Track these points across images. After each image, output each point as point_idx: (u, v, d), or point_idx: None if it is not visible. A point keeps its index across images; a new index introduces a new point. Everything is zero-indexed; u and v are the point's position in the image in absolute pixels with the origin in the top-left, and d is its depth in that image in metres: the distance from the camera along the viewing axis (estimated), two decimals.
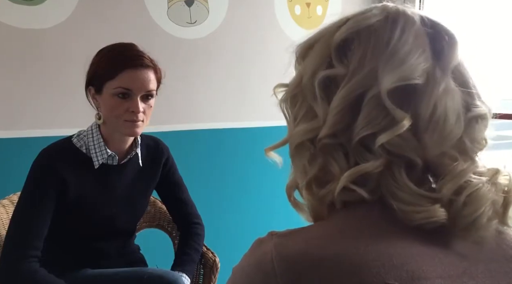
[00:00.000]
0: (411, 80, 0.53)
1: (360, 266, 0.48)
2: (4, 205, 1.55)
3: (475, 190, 0.51)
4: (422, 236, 0.52)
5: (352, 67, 0.55)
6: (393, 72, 0.53)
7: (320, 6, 2.62)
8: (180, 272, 1.44)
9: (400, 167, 0.53)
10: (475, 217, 0.51)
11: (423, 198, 0.51)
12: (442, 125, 0.52)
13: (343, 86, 0.55)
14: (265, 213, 2.55)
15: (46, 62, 2.03)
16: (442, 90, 0.53)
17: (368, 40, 0.56)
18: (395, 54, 0.54)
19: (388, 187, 0.53)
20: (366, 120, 0.53)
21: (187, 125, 2.36)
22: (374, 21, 0.57)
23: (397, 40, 0.55)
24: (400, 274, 0.48)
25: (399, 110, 0.52)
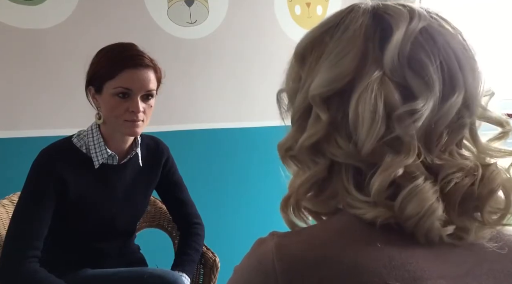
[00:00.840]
0: (330, 85, 0.54)
1: (360, 267, 0.48)
2: (4, 205, 1.55)
3: (413, 190, 0.50)
4: (419, 247, 0.51)
5: (303, 79, 0.58)
6: (319, 77, 0.55)
7: (320, 6, 2.62)
8: (180, 272, 1.44)
9: (348, 174, 0.54)
10: (418, 218, 0.49)
11: (366, 203, 0.52)
12: (361, 124, 0.52)
13: (296, 98, 0.58)
14: (265, 213, 2.54)
15: (46, 62, 2.03)
16: (364, 89, 0.52)
17: (315, 51, 0.58)
18: (328, 57, 0.55)
19: (342, 196, 0.54)
20: (310, 128, 0.56)
21: (187, 125, 2.36)
22: (323, 30, 0.58)
23: (333, 43, 0.56)
24: (401, 274, 0.48)
25: (323, 113, 0.54)
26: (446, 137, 0.54)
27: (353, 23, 0.56)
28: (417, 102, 0.51)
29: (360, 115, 0.52)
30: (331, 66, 0.54)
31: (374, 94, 0.52)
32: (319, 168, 0.55)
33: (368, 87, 0.52)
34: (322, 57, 0.56)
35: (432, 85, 0.52)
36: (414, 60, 0.53)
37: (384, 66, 0.53)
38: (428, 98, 0.51)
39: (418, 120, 0.51)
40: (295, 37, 2.54)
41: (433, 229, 0.50)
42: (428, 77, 0.52)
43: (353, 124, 0.53)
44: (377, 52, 0.54)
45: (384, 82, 0.52)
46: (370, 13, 0.57)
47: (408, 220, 0.50)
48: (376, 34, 0.55)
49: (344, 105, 0.54)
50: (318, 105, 0.55)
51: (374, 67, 0.53)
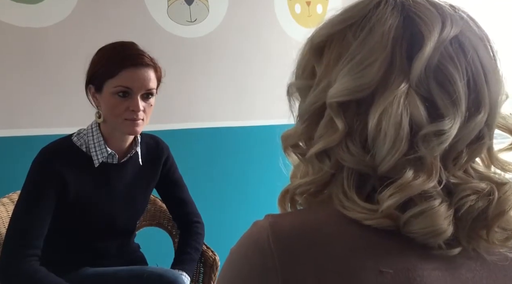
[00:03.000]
0: (357, 92, 0.51)
1: (355, 250, 0.49)
2: (4, 203, 1.55)
3: (426, 209, 0.48)
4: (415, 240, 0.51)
5: (318, 77, 0.55)
6: (340, 82, 0.52)
7: (320, 4, 2.62)
8: (180, 271, 1.44)
9: (349, 179, 0.52)
10: (421, 235, 0.49)
11: (367, 210, 0.50)
12: (384, 139, 0.50)
13: (308, 96, 0.56)
14: (264, 211, 2.54)
15: (46, 60, 2.03)
16: (390, 102, 0.50)
17: (335, 47, 0.55)
18: (351, 61, 0.52)
19: (338, 198, 0.52)
20: (321, 131, 0.54)
21: (187, 123, 2.36)
22: (345, 25, 0.55)
23: (358, 45, 0.52)
24: (395, 262, 0.49)
25: (340, 121, 0.52)
26: (465, 157, 0.52)
27: (380, 24, 0.52)
28: (444, 122, 0.49)
29: (383, 130, 0.49)
30: (355, 74, 0.51)
31: (400, 109, 0.49)
32: (324, 172, 0.54)
33: (394, 102, 0.49)
34: (342, 58, 0.53)
35: (459, 103, 0.50)
36: (441, 73, 0.50)
37: (411, 78, 0.50)
38: (455, 117, 0.49)
39: (444, 142, 0.49)
40: (295, 36, 2.56)
41: (433, 247, 0.50)
42: (456, 94, 0.50)
43: (373, 136, 0.51)
44: (404, 61, 0.51)
45: (411, 96, 0.50)
46: (399, 12, 0.53)
47: (411, 233, 0.49)
48: (404, 40, 0.51)
49: (362, 114, 0.52)
50: (335, 113, 0.52)
51: (401, 78, 0.50)
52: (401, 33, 0.52)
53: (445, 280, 0.50)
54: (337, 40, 0.55)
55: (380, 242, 0.50)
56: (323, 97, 0.54)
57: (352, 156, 0.52)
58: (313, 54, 0.57)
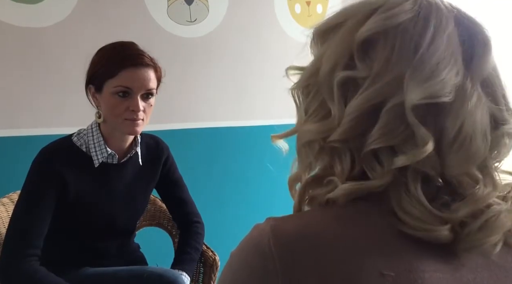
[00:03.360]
0: (440, 97, 0.49)
1: (356, 254, 0.49)
2: (4, 203, 1.55)
3: (494, 216, 0.49)
4: (419, 243, 0.51)
5: (375, 71, 0.52)
6: (421, 86, 0.49)
7: (320, 4, 2.62)
8: (180, 271, 1.44)
9: (416, 182, 0.50)
10: (483, 242, 0.50)
11: (433, 216, 0.49)
12: (468, 145, 0.49)
13: (362, 91, 0.52)
14: (264, 212, 2.54)
15: (46, 60, 2.03)
16: (471, 107, 0.49)
17: (394, 42, 0.52)
18: (424, 63, 0.50)
19: (399, 199, 0.50)
20: (382, 131, 0.51)
21: (187, 123, 2.36)
22: (403, 19, 0.52)
23: (427, 46, 0.51)
24: (397, 265, 0.49)
25: (423, 129, 0.49)
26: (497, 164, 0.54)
27: (443, 24, 0.52)
28: (508, 126, 0.51)
29: (468, 136, 0.49)
30: (439, 77, 0.50)
31: (483, 113, 0.50)
32: (381, 176, 0.51)
33: (477, 106, 0.50)
34: (411, 56, 0.51)
35: (506, 115, 0.52)
36: (491, 86, 0.52)
37: (478, 85, 0.51)
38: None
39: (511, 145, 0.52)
40: (295, 36, 2.56)
41: (480, 252, 0.51)
42: (504, 107, 0.52)
43: (453, 141, 0.50)
44: (466, 69, 0.51)
45: (483, 102, 0.51)
46: (455, 18, 0.53)
47: (471, 242, 0.50)
48: (466, 47, 0.52)
49: (439, 118, 0.50)
50: (413, 116, 0.49)
51: (470, 84, 0.50)
52: (462, 39, 0.52)
53: (446, 282, 0.50)
54: (396, 34, 0.52)
55: (382, 245, 0.50)
56: (384, 95, 0.51)
57: (426, 158, 0.49)
58: (358, 46, 0.53)
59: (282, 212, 0.59)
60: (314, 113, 0.56)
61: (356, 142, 0.53)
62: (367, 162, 0.52)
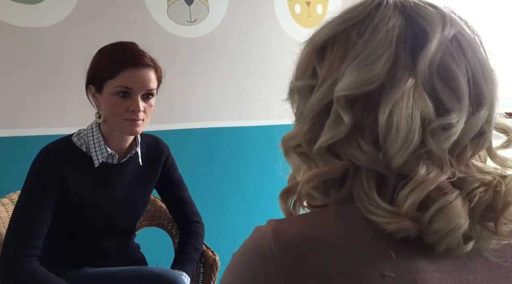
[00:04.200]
0: (364, 86, 0.51)
1: (356, 255, 0.49)
2: (4, 203, 1.55)
3: (445, 205, 0.49)
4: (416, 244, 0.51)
5: (322, 76, 0.55)
6: (347, 77, 0.52)
7: (320, 4, 2.62)
8: (180, 271, 1.44)
9: (369, 179, 0.52)
10: (443, 234, 0.49)
11: (391, 213, 0.50)
12: (395, 133, 0.50)
13: (313, 95, 0.56)
14: (264, 212, 2.55)
15: (45, 60, 2.03)
16: (399, 96, 0.50)
17: (339, 46, 0.55)
18: (356, 58, 0.52)
19: (360, 200, 0.52)
20: (328, 127, 0.54)
21: (187, 124, 2.36)
22: (348, 25, 0.55)
23: (363, 43, 0.53)
24: (397, 265, 0.49)
25: (347, 115, 0.52)
26: (470, 152, 0.53)
27: (383, 22, 0.53)
28: (451, 116, 0.50)
29: (395, 125, 0.50)
30: (361, 68, 0.52)
31: (411, 103, 0.50)
32: (333, 168, 0.54)
33: (403, 96, 0.50)
34: (348, 56, 0.53)
35: (462, 98, 0.51)
36: (444, 69, 0.52)
37: (417, 74, 0.51)
38: (461, 112, 0.51)
39: (452, 135, 0.50)
40: (295, 36, 2.55)
41: (454, 245, 0.50)
42: (460, 90, 0.51)
43: (384, 132, 0.51)
44: (408, 58, 0.52)
45: (419, 91, 0.51)
46: (401, 12, 0.54)
47: (433, 234, 0.49)
48: (408, 38, 0.53)
49: (371, 109, 0.52)
50: (342, 107, 0.52)
51: (406, 73, 0.51)
52: (404, 31, 0.53)
53: (446, 282, 0.50)
54: (340, 40, 0.55)
55: (382, 245, 0.50)
56: (329, 95, 0.54)
57: (364, 153, 0.52)
58: (315, 55, 0.57)
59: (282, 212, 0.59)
60: (296, 119, 0.60)
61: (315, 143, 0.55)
62: (321, 158, 0.55)
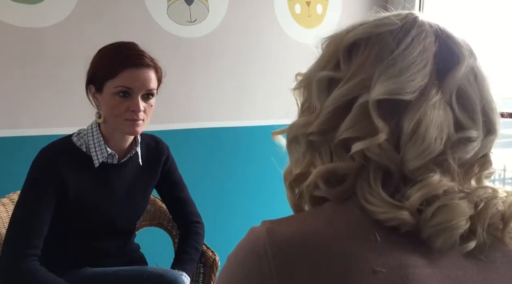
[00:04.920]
0: (400, 95, 0.54)
1: (348, 252, 0.50)
2: (4, 203, 1.55)
3: (449, 203, 0.51)
4: (404, 238, 0.53)
5: (352, 71, 0.57)
6: (384, 83, 0.54)
7: (320, 4, 2.62)
8: (180, 271, 1.44)
9: (376, 174, 0.54)
10: (444, 228, 0.51)
11: (391, 205, 0.52)
12: (421, 140, 0.53)
13: (339, 88, 0.57)
14: (264, 212, 2.55)
15: (46, 60, 2.03)
16: (430, 107, 0.54)
17: (373, 48, 0.57)
18: (393, 65, 0.55)
19: (362, 190, 0.54)
20: (350, 123, 0.55)
21: (187, 124, 2.36)
22: (384, 30, 0.58)
23: (400, 52, 0.56)
24: (388, 261, 0.50)
25: (381, 121, 0.54)
26: (476, 170, 0.57)
27: (420, 37, 0.57)
28: (471, 131, 0.55)
29: (422, 131, 0.53)
30: (404, 76, 0.54)
31: (439, 115, 0.54)
32: (350, 165, 0.55)
33: (434, 107, 0.54)
34: (384, 60, 0.56)
35: (478, 121, 0.56)
36: (464, 95, 0.56)
37: (444, 92, 0.55)
38: (478, 131, 0.56)
39: (473, 148, 0.55)
40: (295, 36, 2.56)
41: (450, 242, 0.52)
42: (475, 114, 0.56)
43: (408, 136, 0.53)
44: (437, 78, 0.55)
45: (444, 106, 0.55)
46: (435, 33, 0.58)
47: (432, 227, 0.51)
48: (439, 58, 0.56)
49: (395, 114, 0.55)
50: (375, 110, 0.54)
51: (434, 89, 0.55)
52: (438, 50, 0.57)
53: (436, 277, 0.51)
54: (376, 41, 0.58)
55: (371, 242, 0.51)
56: (355, 92, 0.56)
57: (384, 151, 0.54)
58: (342, 50, 0.59)
59: (282, 212, 0.59)
60: (303, 111, 0.62)
61: (330, 136, 0.57)
62: (338, 152, 0.57)
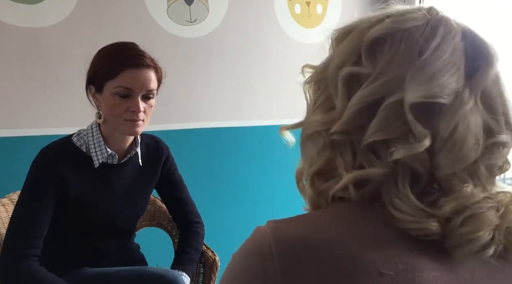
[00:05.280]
0: (438, 98, 0.52)
1: (354, 254, 0.49)
2: (4, 204, 1.55)
3: (478, 213, 0.50)
4: (415, 242, 0.52)
5: (378, 69, 0.54)
6: (421, 86, 0.52)
7: (320, 4, 2.62)
8: (180, 271, 1.44)
9: (404, 178, 0.52)
10: (471, 238, 0.50)
11: (420, 211, 0.51)
12: (459, 147, 0.51)
13: (365, 86, 0.54)
14: (265, 212, 2.55)
15: (45, 60, 2.03)
16: (466, 112, 0.52)
17: (400, 44, 0.55)
18: (426, 66, 0.53)
19: (389, 194, 0.52)
20: (380, 125, 0.53)
21: (187, 124, 2.36)
22: (411, 25, 0.55)
23: (431, 52, 0.53)
24: (395, 264, 0.49)
25: (420, 126, 0.51)
26: (497, 173, 0.56)
27: (449, 35, 0.54)
28: (502, 136, 0.54)
29: (460, 138, 0.51)
30: (442, 80, 0.52)
31: (476, 119, 0.52)
32: (383, 171, 0.53)
33: (472, 111, 0.52)
34: (415, 59, 0.53)
35: (503, 127, 0.55)
36: (489, 98, 0.54)
37: (476, 96, 0.53)
38: (508, 135, 0.55)
39: (507, 153, 0.55)
40: (295, 36, 2.56)
41: (472, 252, 0.51)
42: (500, 117, 0.54)
43: (445, 142, 0.52)
44: (466, 79, 0.54)
45: (476, 110, 0.53)
46: (462, 31, 0.56)
47: (461, 236, 0.50)
48: (470, 60, 0.54)
49: (434, 119, 0.52)
50: (411, 114, 0.52)
51: (467, 92, 0.53)
52: (466, 51, 0.54)
53: (443, 280, 0.51)
54: (403, 38, 0.55)
55: (379, 244, 0.51)
56: (383, 91, 0.53)
57: (417, 156, 0.51)
58: (364, 45, 0.56)
59: (283, 212, 0.59)
60: (320, 106, 0.59)
61: (356, 135, 0.55)
62: (365, 155, 0.54)
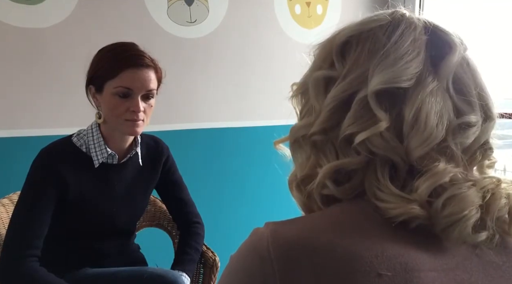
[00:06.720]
0: (397, 83, 0.54)
1: (353, 255, 0.50)
2: (4, 204, 1.55)
3: (458, 193, 0.51)
4: (412, 235, 0.52)
5: (346, 69, 0.58)
6: (380, 74, 0.55)
7: (320, 5, 2.62)
8: (180, 272, 1.44)
9: (383, 168, 0.54)
10: (457, 219, 0.50)
11: (401, 199, 0.52)
12: (423, 127, 0.53)
13: (337, 85, 0.58)
14: (265, 212, 2.55)
15: (45, 61, 2.03)
16: (428, 94, 0.54)
17: (365, 43, 0.58)
18: (388, 57, 0.56)
19: (371, 187, 0.54)
20: (352, 119, 0.56)
21: (187, 124, 2.36)
22: (375, 25, 0.59)
23: (392, 44, 0.57)
24: (393, 265, 0.50)
25: (382, 111, 0.54)
26: (479, 157, 0.57)
27: (410, 29, 0.58)
28: (470, 116, 0.55)
29: (423, 119, 0.53)
30: (399, 65, 0.55)
31: (438, 102, 0.54)
32: (355, 160, 0.55)
33: (431, 95, 0.54)
34: (378, 54, 0.56)
35: (476, 107, 0.56)
36: (459, 81, 0.57)
37: (440, 79, 0.56)
38: (476, 116, 0.56)
39: (473, 133, 0.55)
40: (295, 36, 2.56)
41: (467, 232, 0.51)
42: (473, 99, 0.56)
43: (410, 125, 0.54)
44: (431, 66, 0.56)
45: (442, 93, 0.55)
46: (424, 25, 0.59)
47: (446, 218, 0.51)
48: (432, 46, 0.57)
49: (395, 104, 0.55)
50: (374, 101, 0.55)
51: (430, 77, 0.55)
52: (429, 39, 0.58)
53: (441, 281, 0.51)
54: (367, 37, 0.59)
55: (378, 245, 0.51)
56: (353, 87, 0.56)
57: (387, 143, 0.54)
58: (335, 49, 0.60)
59: (283, 213, 0.59)
60: (304, 115, 0.62)
61: (333, 133, 0.57)
62: (343, 149, 0.57)
